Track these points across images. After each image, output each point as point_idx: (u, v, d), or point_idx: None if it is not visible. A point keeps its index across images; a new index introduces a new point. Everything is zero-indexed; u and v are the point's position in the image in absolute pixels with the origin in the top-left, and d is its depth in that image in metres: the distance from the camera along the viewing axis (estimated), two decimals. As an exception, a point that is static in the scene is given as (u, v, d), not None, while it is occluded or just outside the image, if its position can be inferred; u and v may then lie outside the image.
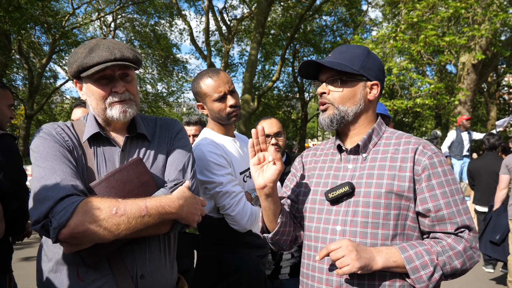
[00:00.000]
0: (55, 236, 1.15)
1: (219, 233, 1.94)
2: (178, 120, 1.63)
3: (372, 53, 1.41)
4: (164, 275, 1.44)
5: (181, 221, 1.35)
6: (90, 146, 1.40)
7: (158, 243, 1.42)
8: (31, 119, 16.70)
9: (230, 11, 21.93)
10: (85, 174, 1.35)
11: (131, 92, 1.41)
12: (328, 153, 1.50)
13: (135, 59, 1.39)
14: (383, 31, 10.40)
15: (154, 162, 1.46)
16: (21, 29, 11.97)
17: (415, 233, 1.32)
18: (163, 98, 24.38)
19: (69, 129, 1.42)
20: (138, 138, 1.48)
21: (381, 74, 1.41)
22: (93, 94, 1.38)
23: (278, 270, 2.58)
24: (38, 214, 1.17)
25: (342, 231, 1.30)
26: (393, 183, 1.28)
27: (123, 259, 1.34)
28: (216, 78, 1.94)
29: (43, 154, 1.29)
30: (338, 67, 1.32)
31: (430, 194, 1.27)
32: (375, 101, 1.42)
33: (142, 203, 1.23)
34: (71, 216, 1.14)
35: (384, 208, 1.26)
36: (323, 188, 1.40)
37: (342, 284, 1.27)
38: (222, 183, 1.83)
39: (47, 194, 1.19)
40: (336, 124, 1.38)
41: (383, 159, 1.34)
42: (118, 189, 1.30)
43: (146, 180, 1.36)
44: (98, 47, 1.35)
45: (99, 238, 1.18)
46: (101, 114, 1.40)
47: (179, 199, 1.31)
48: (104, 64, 1.31)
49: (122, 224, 1.18)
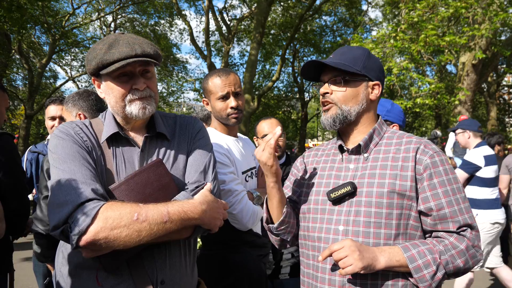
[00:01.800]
0: (75, 242, 1.11)
1: (221, 232, 1.92)
2: (198, 119, 1.59)
3: (373, 54, 1.45)
4: (184, 280, 1.39)
5: (203, 226, 1.31)
6: (108, 147, 1.35)
7: (178, 247, 1.38)
8: (31, 119, 16.68)
9: (230, 11, 21.89)
10: (104, 176, 1.30)
11: (152, 89, 1.37)
12: (330, 153, 1.50)
13: (156, 55, 1.33)
14: (383, 31, 10.39)
15: (174, 162, 1.41)
16: (21, 29, 11.96)
17: (418, 233, 1.32)
18: (163, 98, 24.37)
19: (87, 129, 1.37)
20: (157, 137, 1.42)
21: (382, 75, 1.43)
22: (112, 91, 1.33)
23: (278, 270, 2.58)
24: (57, 220, 1.14)
25: (345, 231, 1.30)
26: (395, 183, 1.28)
27: (143, 264, 1.29)
28: (224, 77, 1.96)
29: (62, 155, 1.25)
30: (342, 67, 1.34)
31: (432, 193, 1.27)
32: (377, 101, 1.44)
33: (164, 208, 1.19)
34: (92, 222, 1.10)
35: (386, 208, 1.27)
36: (325, 188, 1.40)
37: (345, 284, 1.27)
38: (224, 181, 1.83)
39: (66, 199, 1.15)
40: (339, 124, 1.39)
41: (384, 159, 1.34)
42: (138, 192, 1.26)
43: (167, 182, 1.32)
44: (117, 43, 1.29)
45: (120, 245, 1.14)
46: (120, 112, 1.35)
47: (201, 204, 1.26)
48: (125, 60, 1.25)
49: (143, 231, 1.14)
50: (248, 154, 2.12)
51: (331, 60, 1.39)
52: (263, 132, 2.89)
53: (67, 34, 16.86)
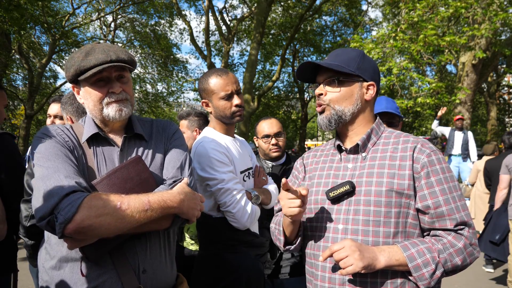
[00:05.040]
0: (61, 231, 1.16)
1: (218, 232, 1.94)
2: (173, 122, 1.68)
3: (367, 55, 1.46)
4: (163, 270, 1.47)
5: (181, 216, 1.38)
6: (89, 147, 1.44)
7: (158, 239, 1.46)
8: (31, 119, 16.68)
9: (230, 11, 21.90)
10: (86, 173, 1.38)
11: (127, 92, 1.46)
12: (328, 153, 1.52)
13: (130, 61, 1.43)
14: (383, 31, 10.39)
15: (152, 161, 1.50)
16: (21, 29, 11.97)
17: (416, 231, 1.33)
18: (163, 98, 24.35)
19: (68, 131, 1.46)
20: (136, 138, 1.52)
21: (377, 75, 1.45)
22: (90, 96, 1.42)
23: (278, 269, 2.58)
24: (43, 211, 1.19)
25: (344, 230, 1.32)
26: (393, 182, 1.30)
27: (125, 255, 1.36)
28: (225, 77, 1.98)
29: (45, 154, 1.32)
30: (336, 68, 1.36)
31: (429, 191, 1.29)
32: (372, 101, 1.46)
33: (144, 198, 1.26)
34: (77, 211, 1.15)
35: (385, 206, 1.28)
36: (324, 188, 1.42)
37: (345, 282, 1.29)
38: (224, 180, 1.84)
39: (52, 191, 1.20)
40: (334, 124, 1.41)
41: (382, 158, 1.36)
42: (119, 186, 1.32)
43: (146, 177, 1.39)
44: (94, 51, 1.39)
45: (105, 232, 1.20)
46: (98, 114, 1.44)
47: (179, 194, 1.34)
48: (101, 66, 1.35)
49: (126, 218, 1.21)
50: (245, 155, 2.13)
51: (325, 62, 1.41)
52: (263, 132, 2.88)
53: (67, 34, 16.85)
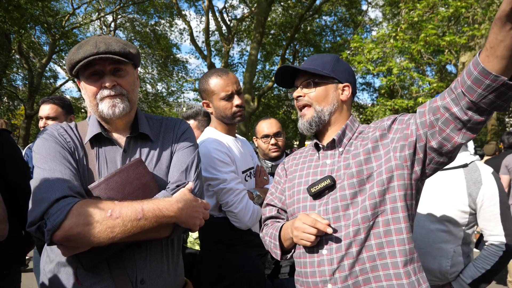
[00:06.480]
0: (49, 238, 1.12)
1: (220, 232, 1.94)
2: (184, 120, 1.59)
3: (342, 60, 1.56)
4: (165, 280, 1.39)
5: (181, 225, 1.30)
6: (92, 147, 1.38)
7: (160, 248, 1.38)
8: (31, 119, 16.69)
9: (230, 11, 21.92)
10: (86, 175, 1.33)
11: (124, 87, 1.37)
12: (307, 154, 1.58)
13: (124, 52, 1.33)
14: (383, 31, 10.40)
15: (157, 162, 1.42)
16: (21, 29, 11.97)
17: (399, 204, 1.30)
18: (163, 98, 24.35)
19: (72, 130, 1.40)
20: (141, 138, 1.44)
21: (351, 77, 1.53)
22: (86, 91, 1.37)
23: (278, 269, 2.58)
24: (33, 216, 1.15)
25: (328, 219, 1.32)
26: (372, 166, 1.32)
27: (123, 263, 1.30)
28: (225, 77, 1.98)
29: (43, 155, 1.29)
30: (312, 70, 1.45)
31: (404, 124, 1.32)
32: (348, 101, 1.52)
33: (138, 206, 1.19)
34: (65, 218, 1.11)
35: (358, 186, 1.31)
36: (305, 186, 1.44)
37: (335, 270, 1.29)
38: (226, 180, 1.84)
39: (43, 196, 1.17)
40: (315, 126, 1.47)
41: (357, 148, 1.40)
42: (117, 191, 1.27)
43: (147, 181, 1.32)
44: (87, 43, 1.32)
45: (93, 241, 1.14)
46: (95, 110, 1.38)
47: (178, 202, 1.25)
48: (87, 58, 1.28)
49: (117, 227, 1.14)
50: (247, 154, 2.13)
51: (302, 66, 1.50)
52: (263, 132, 2.88)
53: (67, 34, 16.86)
